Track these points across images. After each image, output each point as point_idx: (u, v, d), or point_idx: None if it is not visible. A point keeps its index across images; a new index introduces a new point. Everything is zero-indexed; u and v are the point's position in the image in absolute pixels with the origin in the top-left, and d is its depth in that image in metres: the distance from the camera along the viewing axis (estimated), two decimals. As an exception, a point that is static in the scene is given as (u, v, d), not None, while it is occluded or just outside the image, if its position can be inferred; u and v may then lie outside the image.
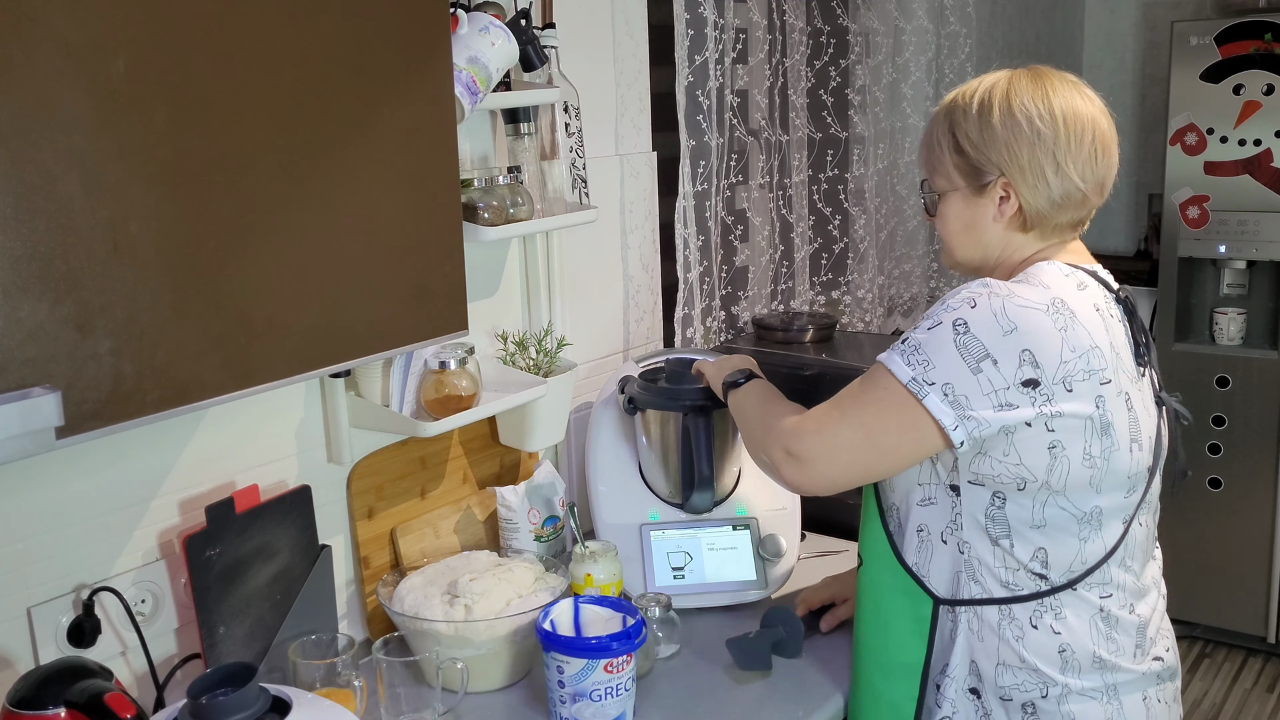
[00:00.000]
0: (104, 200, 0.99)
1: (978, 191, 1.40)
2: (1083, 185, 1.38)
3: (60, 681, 1.20)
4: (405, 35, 1.25)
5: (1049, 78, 1.39)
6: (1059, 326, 1.30)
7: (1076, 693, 1.38)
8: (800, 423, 1.41)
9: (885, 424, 1.34)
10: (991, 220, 1.41)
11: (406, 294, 1.30)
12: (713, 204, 2.40)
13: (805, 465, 1.39)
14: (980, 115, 1.38)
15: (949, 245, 1.47)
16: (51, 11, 0.94)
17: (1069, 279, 1.36)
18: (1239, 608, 3.56)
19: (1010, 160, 1.36)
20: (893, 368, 1.33)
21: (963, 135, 1.39)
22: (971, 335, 1.30)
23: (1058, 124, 1.36)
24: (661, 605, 1.67)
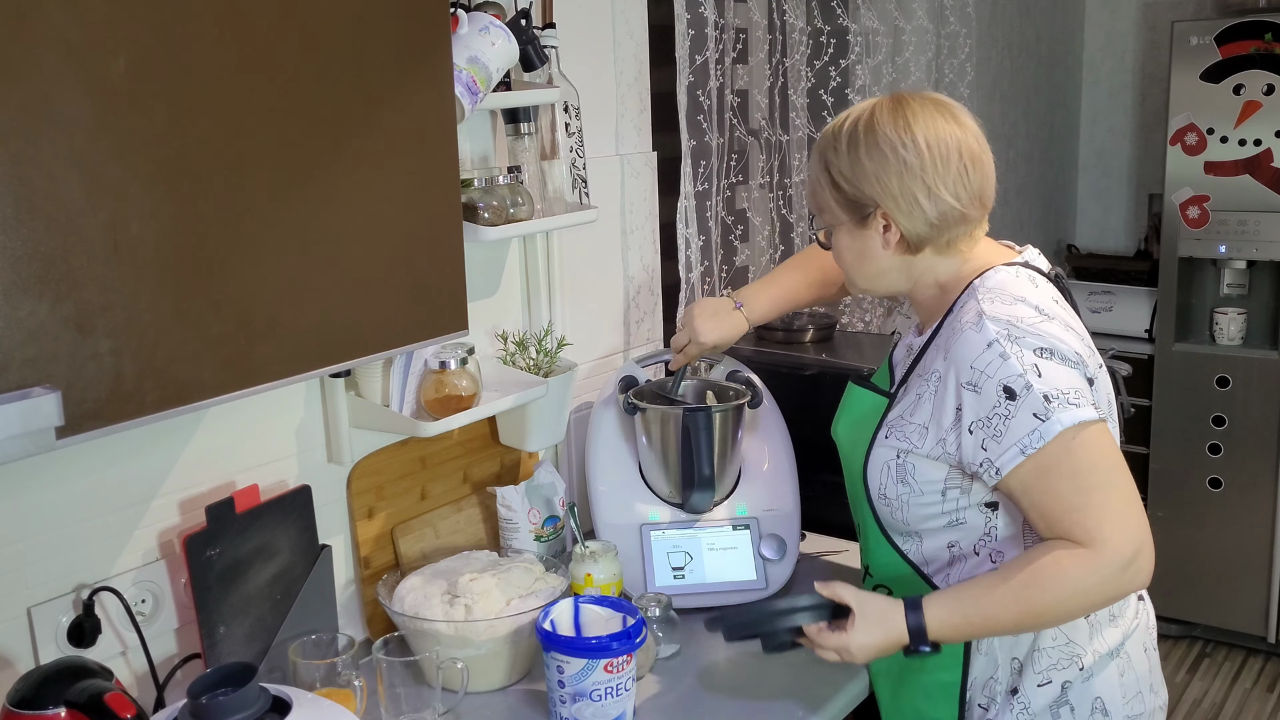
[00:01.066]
0: (104, 200, 0.99)
1: (861, 224, 1.43)
2: (958, 204, 1.39)
3: (60, 681, 1.20)
4: (405, 35, 1.25)
5: (909, 104, 1.41)
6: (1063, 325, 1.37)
7: (1103, 656, 1.42)
8: (1101, 541, 1.28)
9: (1122, 460, 1.33)
10: (881, 249, 1.43)
11: (406, 294, 1.30)
12: (713, 204, 2.40)
13: (1141, 555, 1.29)
14: (849, 150, 1.41)
15: (849, 276, 1.50)
16: (51, 11, 0.94)
17: (1020, 280, 1.40)
18: (1239, 608, 3.56)
19: (883, 191, 1.39)
20: (1083, 417, 1.29)
21: (836, 171, 1.42)
22: (1055, 352, 1.32)
23: (921, 150, 1.37)
24: (661, 605, 1.67)
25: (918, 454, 1.40)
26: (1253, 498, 3.48)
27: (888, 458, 1.43)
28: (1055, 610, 1.31)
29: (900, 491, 1.42)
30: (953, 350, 1.36)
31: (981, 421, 1.32)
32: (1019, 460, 1.29)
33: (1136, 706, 1.46)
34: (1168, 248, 3.54)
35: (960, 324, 1.37)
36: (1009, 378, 1.30)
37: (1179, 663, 3.59)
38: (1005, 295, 1.37)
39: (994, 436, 1.31)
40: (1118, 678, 1.44)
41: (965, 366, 1.33)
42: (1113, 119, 4.26)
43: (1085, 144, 4.34)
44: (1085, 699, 1.42)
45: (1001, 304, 1.35)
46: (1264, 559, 3.49)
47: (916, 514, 1.43)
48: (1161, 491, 3.64)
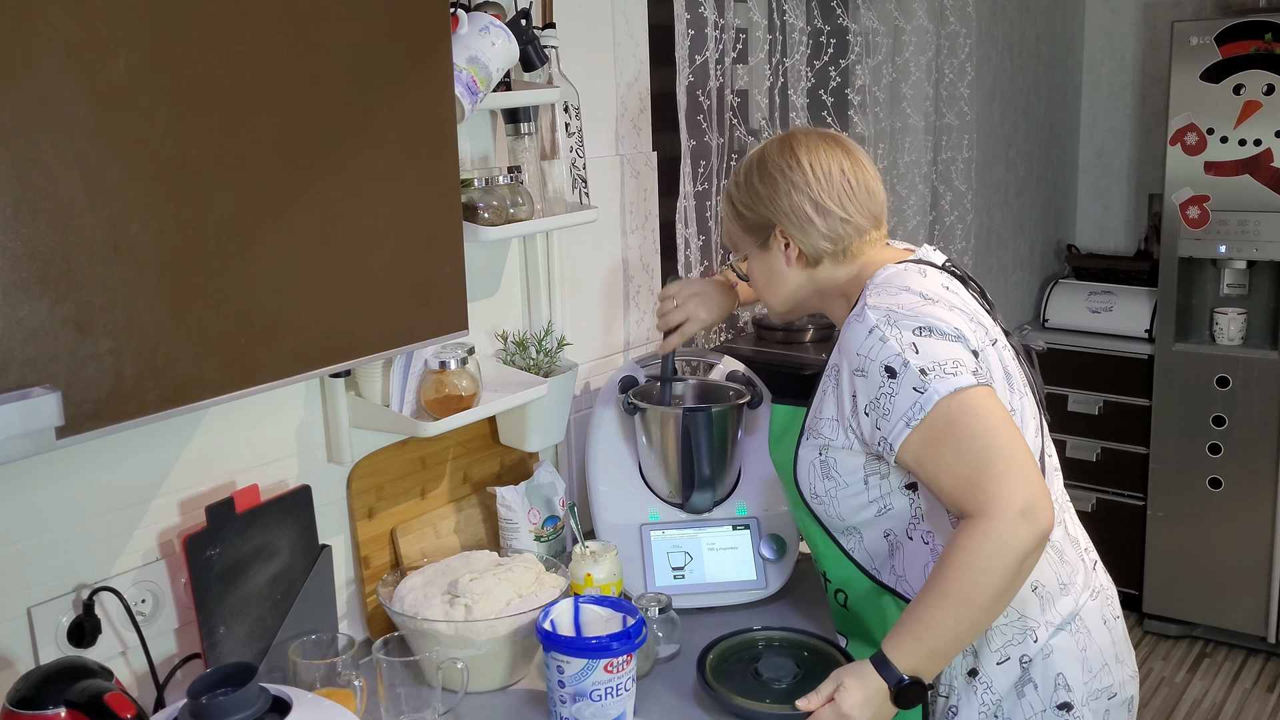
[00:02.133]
0: (104, 200, 0.99)
1: (764, 246, 1.57)
2: (844, 214, 1.51)
3: (60, 681, 1.20)
4: (405, 35, 1.25)
5: (795, 137, 1.55)
6: (948, 306, 1.44)
7: (1056, 628, 1.45)
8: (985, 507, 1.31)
9: (1006, 420, 1.36)
10: (785, 266, 1.56)
11: (406, 294, 1.30)
12: (713, 204, 2.40)
13: (1036, 508, 1.30)
14: (745, 181, 1.57)
15: (766, 300, 1.63)
16: (51, 11, 0.94)
17: (909, 271, 1.48)
18: (1239, 608, 3.56)
19: (776, 210, 1.53)
20: (959, 384, 1.34)
21: (738, 201, 1.58)
22: (934, 330, 1.39)
23: (805, 170, 1.51)
24: (661, 605, 1.67)
25: (834, 447, 1.47)
26: (1253, 498, 3.48)
27: (811, 457, 1.50)
28: (979, 588, 1.30)
29: (828, 486, 1.49)
30: (843, 342, 1.45)
31: (872, 403, 1.39)
32: (906, 433, 1.36)
33: (1104, 679, 1.49)
34: (1168, 248, 3.54)
35: (849, 319, 1.46)
36: (889, 358, 1.38)
37: (1179, 663, 3.59)
38: (890, 287, 1.46)
39: (883, 415, 1.38)
40: (1078, 652, 1.46)
41: (852, 354, 1.42)
42: (1113, 119, 4.26)
43: (1085, 144, 4.34)
44: (1048, 675, 1.45)
45: (886, 295, 1.44)
46: (1264, 559, 3.49)
47: (848, 505, 1.48)
48: (1161, 491, 3.64)
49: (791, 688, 1.50)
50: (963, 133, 3.28)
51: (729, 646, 1.62)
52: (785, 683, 1.52)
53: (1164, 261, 3.56)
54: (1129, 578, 3.73)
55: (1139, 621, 3.76)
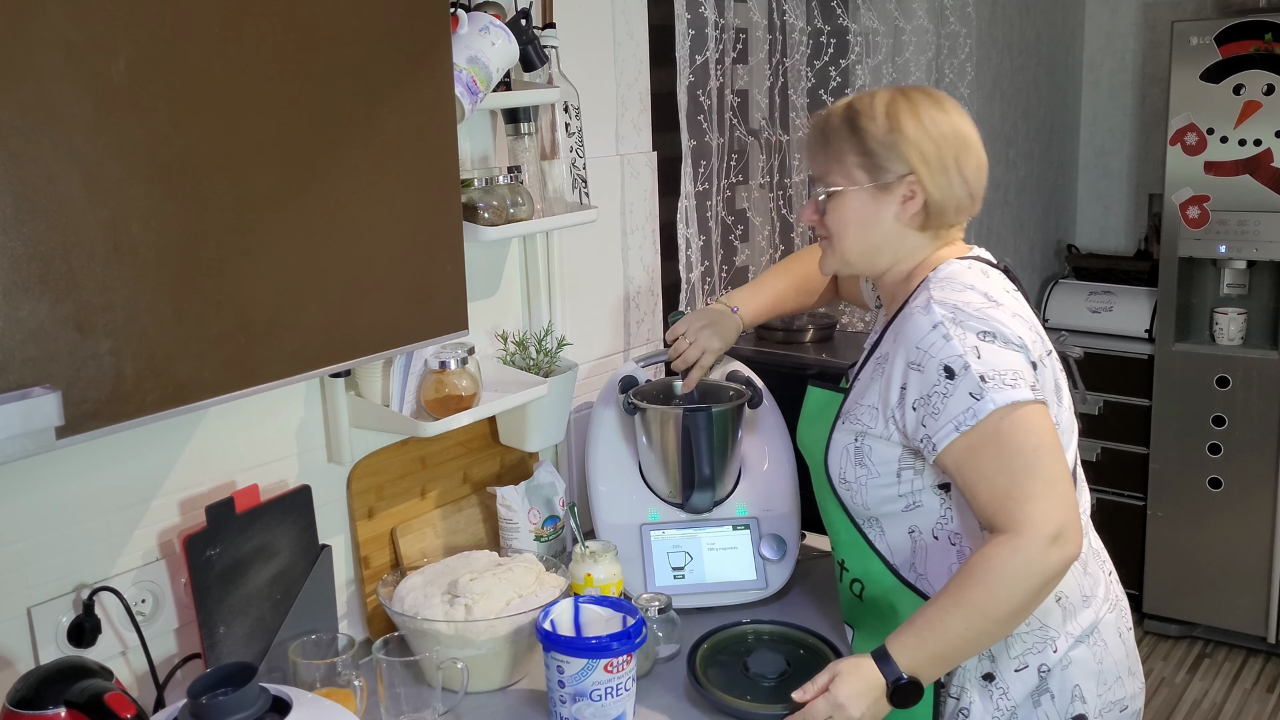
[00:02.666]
0: (104, 200, 0.99)
1: (881, 190, 1.46)
2: (973, 190, 1.48)
3: (60, 681, 1.20)
4: (405, 35, 1.25)
5: (944, 95, 1.50)
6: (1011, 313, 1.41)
7: (1076, 640, 1.44)
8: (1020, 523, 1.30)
9: (1054, 439, 1.35)
10: (891, 219, 1.47)
11: (406, 294, 1.30)
12: (713, 204, 2.40)
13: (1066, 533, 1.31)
14: (888, 117, 1.45)
15: (841, 244, 1.50)
16: (51, 11, 0.94)
17: (973, 270, 1.45)
18: (1239, 608, 3.56)
19: (920, 158, 1.44)
20: (1017, 397, 1.33)
21: (869, 136, 1.45)
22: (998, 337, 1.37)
23: (956, 129, 1.46)
24: (661, 605, 1.67)
25: (872, 435, 1.45)
26: (1253, 498, 3.48)
27: (846, 442, 1.49)
28: (997, 603, 1.31)
29: (859, 474, 1.47)
30: (902, 333, 1.42)
31: (922, 399, 1.38)
32: (953, 437, 1.34)
33: (1118, 691, 1.49)
34: (1168, 248, 3.54)
35: (911, 309, 1.43)
36: (949, 358, 1.35)
37: (1179, 663, 3.59)
38: (956, 284, 1.43)
39: (932, 414, 1.36)
40: (1095, 664, 1.46)
41: (912, 347, 1.39)
42: (1113, 119, 4.26)
43: (1085, 144, 4.34)
44: (1065, 686, 1.44)
45: (951, 291, 1.42)
46: (1264, 559, 3.49)
47: (875, 496, 1.47)
48: (1161, 491, 3.64)
49: (778, 685, 1.51)
50: (963, 133, 3.28)
51: (722, 640, 1.63)
52: (772, 680, 1.52)
53: (1164, 261, 3.56)
54: (1129, 578, 3.72)
55: (1139, 621, 3.76)
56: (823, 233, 1.52)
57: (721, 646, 1.62)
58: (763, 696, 1.49)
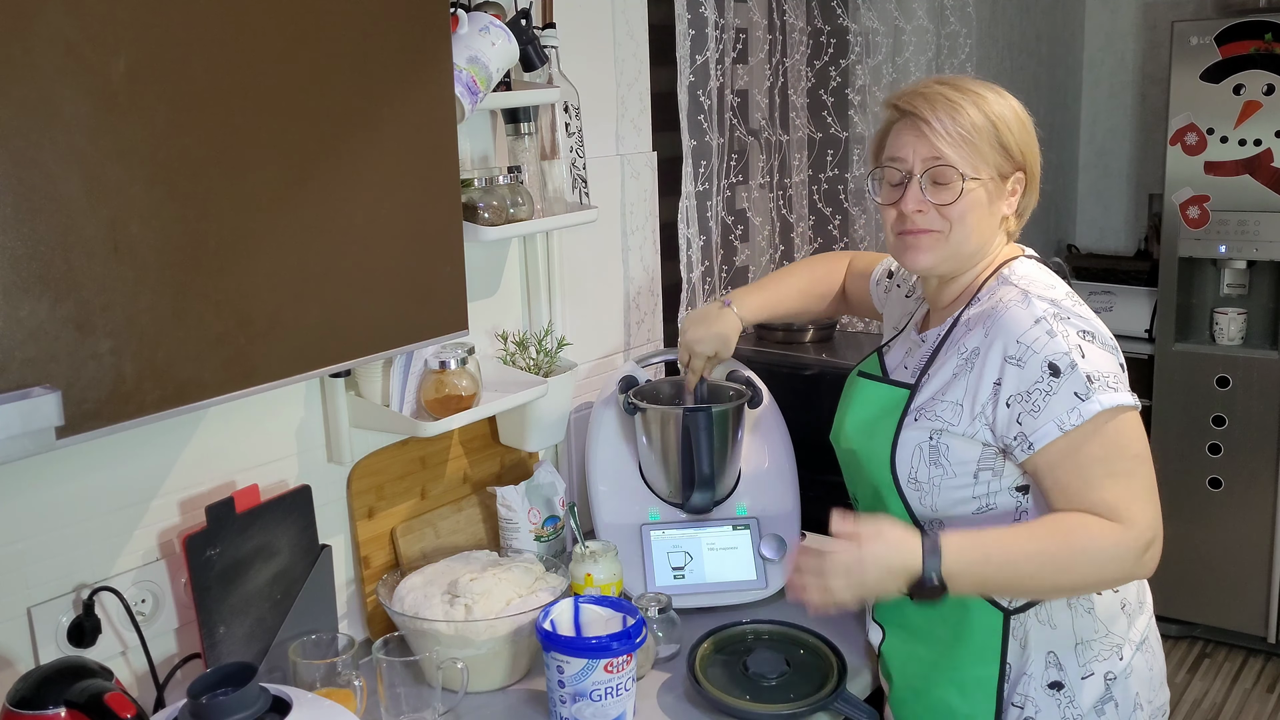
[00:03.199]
0: (104, 200, 0.99)
1: (1002, 185, 1.45)
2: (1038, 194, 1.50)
3: (60, 681, 1.20)
4: (405, 35, 1.25)
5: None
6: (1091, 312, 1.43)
7: (1136, 647, 1.46)
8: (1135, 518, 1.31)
9: (1148, 449, 1.36)
10: (1002, 214, 1.47)
11: (406, 294, 1.30)
12: (713, 204, 2.40)
13: (1154, 549, 1.33)
14: (1019, 120, 1.47)
15: (960, 235, 1.43)
16: (51, 11, 0.94)
17: (1044, 271, 1.46)
18: (1239, 608, 3.56)
19: (1034, 159, 1.47)
20: (1122, 400, 1.33)
21: (1007, 132, 1.44)
22: (1098, 336, 1.38)
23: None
24: (661, 605, 1.67)
25: (953, 432, 1.40)
26: (1253, 498, 3.48)
27: (919, 440, 1.43)
28: (1069, 568, 1.31)
29: (933, 474, 1.42)
30: (997, 326, 1.38)
31: (1021, 395, 1.34)
32: (1055, 436, 1.32)
33: (1161, 696, 1.51)
34: (1168, 248, 3.54)
35: (1002, 303, 1.40)
36: (1055, 355, 1.33)
37: (1179, 663, 3.59)
38: (1038, 281, 1.43)
39: (1031, 411, 1.33)
40: (1148, 671, 1.48)
41: (1011, 341, 1.36)
42: (1113, 119, 4.26)
43: (1085, 144, 4.33)
44: (1128, 694, 1.45)
45: (1041, 287, 1.41)
46: (1264, 559, 3.49)
47: (948, 498, 1.43)
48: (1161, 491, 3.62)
49: (778, 685, 1.51)
50: (963, 133, 3.27)
51: (722, 639, 1.63)
52: (772, 680, 1.52)
53: (1164, 261, 3.56)
54: (1129, 578, 3.73)
55: (1139, 621, 3.76)
56: (933, 226, 1.43)
57: (721, 646, 1.62)
58: (763, 696, 1.49)
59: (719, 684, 1.51)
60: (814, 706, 1.46)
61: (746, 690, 1.51)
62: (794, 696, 1.49)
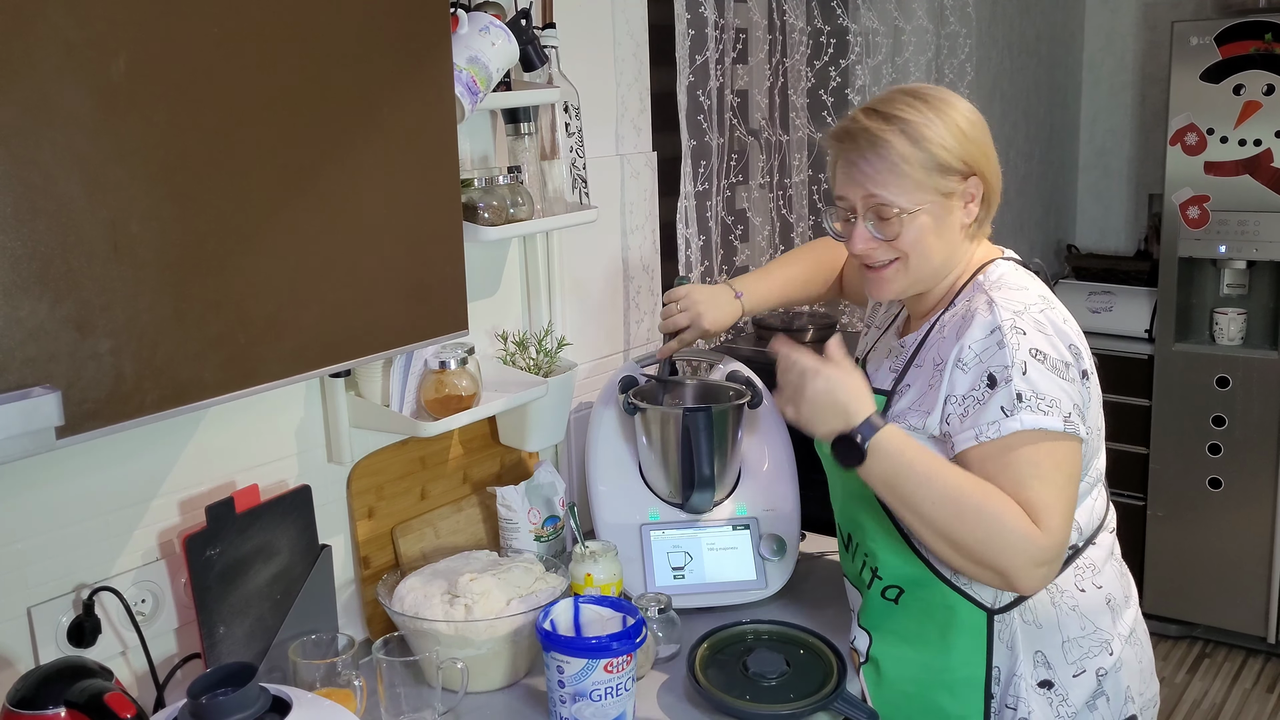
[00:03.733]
0: (104, 200, 0.99)
1: (945, 200, 1.41)
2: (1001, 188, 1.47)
3: (60, 681, 1.20)
4: (405, 35, 1.25)
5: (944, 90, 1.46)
6: (1063, 318, 1.40)
7: (1125, 641, 1.47)
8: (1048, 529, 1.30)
9: (1072, 473, 1.34)
10: (958, 227, 1.43)
11: (406, 294, 1.30)
12: (713, 204, 2.40)
13: (1049, 565, 1.31)
14: (945, 118, 1.40)
15: (919, 263, 1.42)
16: (51, 10, 0.94)
17: (1020, 273, 1.45)
18: (1239, 608, 3.56)
19: (985, 159, 1.43)
20: (1046, 424, 1.31)
21: (938, 145, 1.39)
22: (1049, 358, 1.34)
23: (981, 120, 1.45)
24: (661, 605, 1.67)
25: (922, 434, 1.41)
26: (1253, 498, 3.48)
27: None
28: (969, 523, 1.29)
29: None
30: (959, 332, 1.39)
31: (957, 399, 1.36)
32: (970, 444, 1.34)
33: (1151, 688, 1.52)
34: (1168, 248, 3.54)
35: (972, 310, 1.39)
36: (997, 367, 1.34)
37: (1179, 663, 3.59)
38: (1011, 284, 1.42)
39: (961, 415, 1.35)
40: (1138, 664, 1.49)
41: (965, 347, 1.37)
42: (1113, 119, 4.26)
43: (1085, 144, 4.34)
44: (1119, 688, 1.46)
45: (1010, 291, 1.40)
46: (1264, 559, 3.49)
47: None
48: (1161, 491, 3.64)
49: (778, 685, 1.51)
50: (963, 133, 3.28)
51: (722, 639, 1.63)
52: (772, 680, 1.52)
53: (1164, 261, 3.56)
54: (1129, 578, 3.73)
55: (1139, 621, 3.76)
56: (888, 257, 1.43)
57: (721, 646, 1.62)
58: (763, 696, 1.49)
59: (719, 684, 1.51)
60: (814, 706, 1.46)
61: (746, 690, 1.51)
62: (794, 696, 1.49)
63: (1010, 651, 1.44)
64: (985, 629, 1.44)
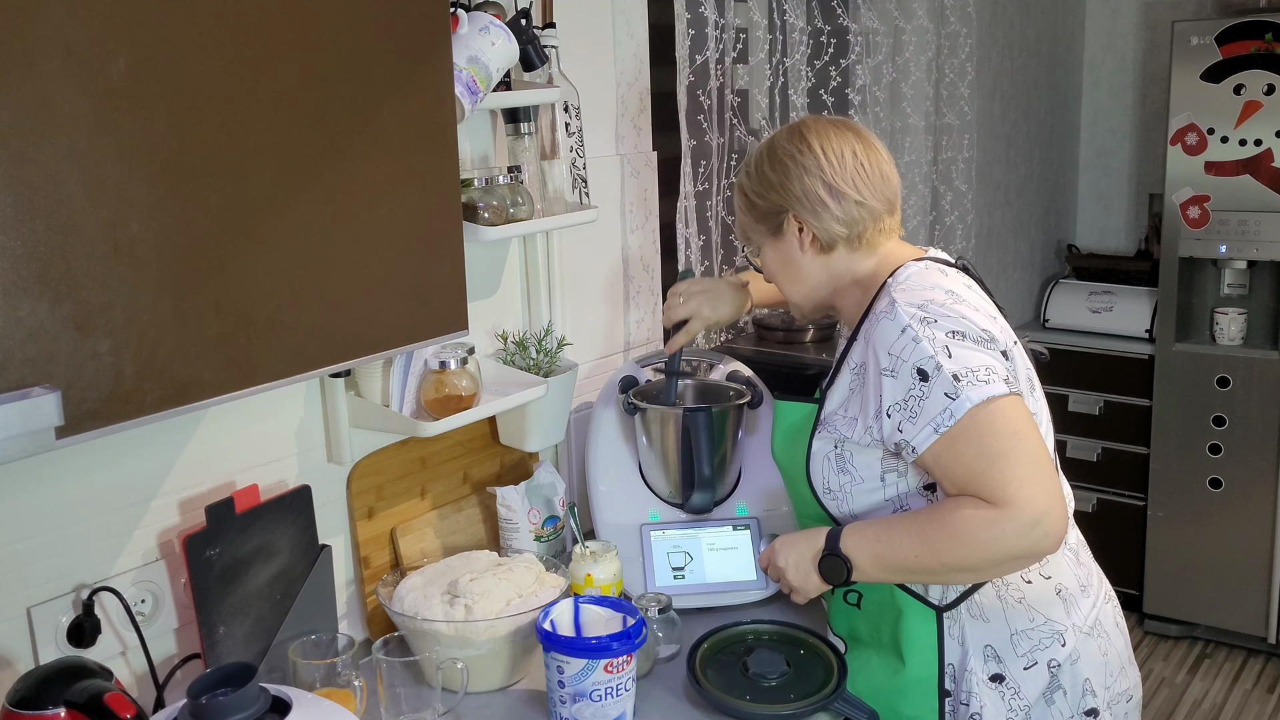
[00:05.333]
0: (104, 200, 0.99)
1: (777, 234, 1.55)
2: (859, 197, 1.49)
3: (60, 681, 1.20)
4: (405, 35, 1.25)
5: (805, 124, 1.54)
6: (973, 307, 1.42)
7: (1083, 633, 1.46)
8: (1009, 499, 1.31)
9: (1028, 431, 1.35)
10: (799, 253, 1.54)
11: (406, 294, 1.30)
12: (713, 204, 2.40)
13: (1048, 519, 1.31)
14: (755, 169, 1.56)
15: (786, 292, 1.60)
16: (51, 11, 0.94)
17: (930, 270, 1.47)
18: (1239, 608, 3.56)
19: (788, 196, 1.51)
20: (990, 394, 1.33)
21: (749, 191, 1.57)
22: (967, 336, 1.37)
23: (816, 154, 1.49)
24: (661, 605, 1.67)
25: (850, 442, 1.45)
26: (1253, 498, 3.48)
27: (826, 450, 1.48)
28: (953, 556, 1.33)
29: (842, 481, 1.47)
30: (872, 339, 1.42)
31: (899, 405, 1.37)
32: (933, 439, 1.35)
33: (1122, 682, 1.51)
34: (1168, 248, 3.54)
35: (877, 314, 1.43)
36: (921, 360, 1.35)
37: (1179, 663, 3.59)
38: (916, 284, 1.43)
39: (910, 418, 1.36)
40: (1100, 656, 1.47)
41: (883, 353, 1.39)
42: (1113, 119, 4.26)
43: (1085, 144, 4.34)
44: (1075, 681, 1.45)
45: (914, 292, 1.42)
46: (1264, 559, 3.49)
47: (862, 503, 1.46)
48: (1161, 491, 3.64)
49: (778, 685, 1.51)
50: (963, 132, 3.28)
51: (722, 639, 1.63)
52: (772, 680, 1.52)
53: (1164, 261, 3.56)
54: (1129, 578, 3.73)
55: (1139, 622, 3.76)
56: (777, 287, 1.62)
57: (721, 646, 1.62)
58: (763, 696, 1.49)
59: (719, 684, 1.51)
60: (814, 706, 1.46)
61: (746, 690, 1.51)
62: (794, 696, 1.49)
63: (961, 647, 1.45)
64: (935, 626, 1.45)
